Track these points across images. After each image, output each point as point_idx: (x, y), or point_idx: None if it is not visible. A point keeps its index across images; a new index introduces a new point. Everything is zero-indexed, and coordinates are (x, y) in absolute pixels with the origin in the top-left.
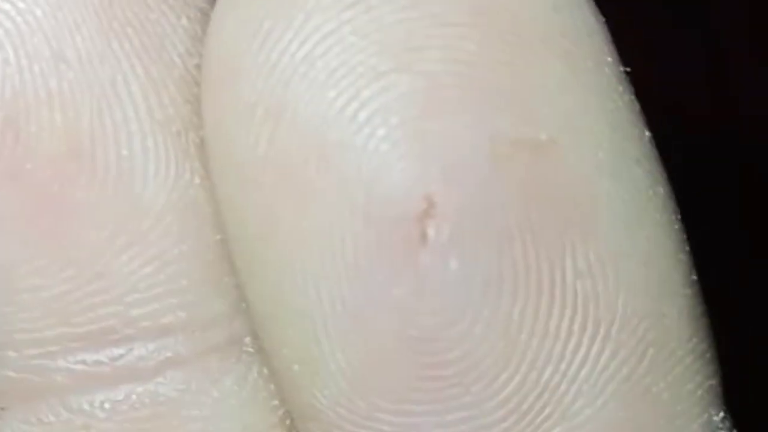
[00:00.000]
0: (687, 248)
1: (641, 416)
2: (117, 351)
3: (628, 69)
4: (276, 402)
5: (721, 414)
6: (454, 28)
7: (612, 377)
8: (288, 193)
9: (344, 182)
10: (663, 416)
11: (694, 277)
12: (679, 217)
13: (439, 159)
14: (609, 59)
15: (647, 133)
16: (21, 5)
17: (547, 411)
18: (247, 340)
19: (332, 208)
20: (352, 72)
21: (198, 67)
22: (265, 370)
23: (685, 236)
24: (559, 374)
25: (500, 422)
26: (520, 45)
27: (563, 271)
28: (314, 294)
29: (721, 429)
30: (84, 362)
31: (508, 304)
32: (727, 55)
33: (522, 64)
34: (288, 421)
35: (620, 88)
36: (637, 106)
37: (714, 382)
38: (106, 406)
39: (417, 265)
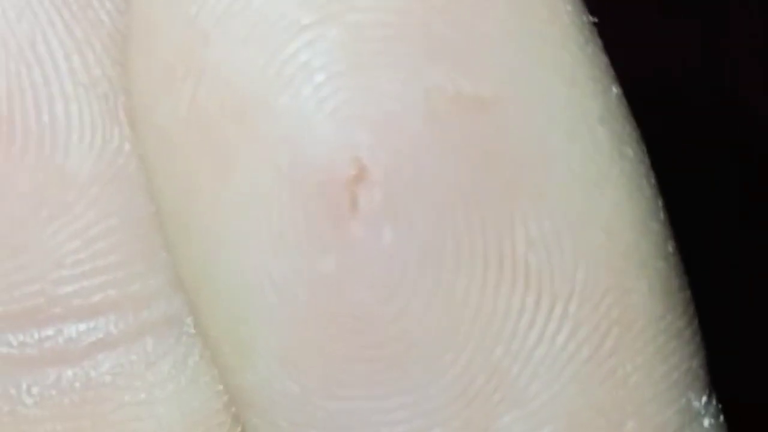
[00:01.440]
0: (662, 216)
1: (605, 402)
2: (44, 332)
3: (595, 19)
4: (220, 387)
5: (704, 398)
6: None
7: (571, 358)
8: (209, 158)
9: (268, 146)
10: (630, 402)
11: (671, 249)
12: (653, 181)
13: (369, 119)
14: (568, 8)
15: (615, 90)
16: None
17: (498, 395)
18: (189, 320)
19: (255, 175)
20: (274, 26)
21: None
22: (208, 353)
23: (660, 204)
24: (510, 355)
25: (445, 407)
26: None
27: (513, 242)
28: (238, 268)
29: (704, 415)
30: (9, 344)
31: (450, 278)
32: (726, 46)
33: (462, 12)
34: (234, 409)
35: (581, 39)
36: (603, 59)
37: (694, 363)
38: (34, 390)
39: (347, 236)
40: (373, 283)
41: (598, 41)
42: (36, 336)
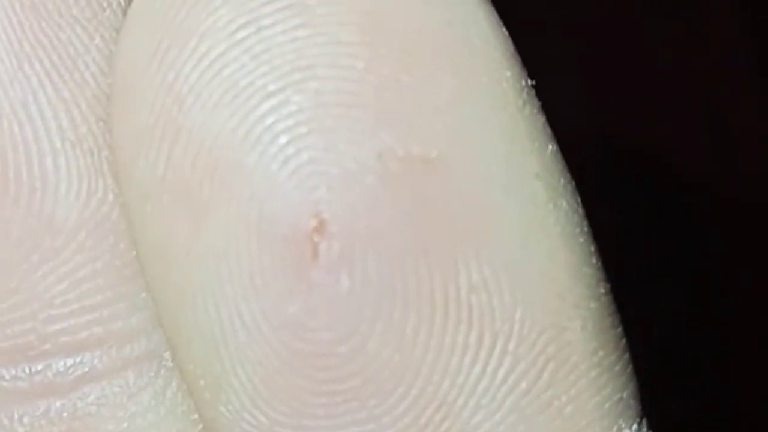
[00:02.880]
0: (594, 261)
1: (542, 430)
2: (35, 366)
3: (533, 82)
4: (196, 416)
5: (635, 426)
6: (343, 47)
7: (511, 391)
8: (184, 213)
9: (237, 202)
10: (566, 430)
11: (603, 290)
12: (586, 230)
13: (328, 176)
14: (508, 73)
15: (551, 147)
16: None
17: (446, 425)
18: (167, 354)
19: (227, 228)
20: (243, 93)
21: None
22: (185, 385)
23: (592, 249)
24: (456, 388)
25: None
26: (409, 62)
27: (457, 286)
28: (213, 312)
29: None
30: (2, 377)
31: (401, 319)
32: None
33: (411, 80)
34: None
35: (519, 102)
36: (541, 119)
37: (625, 394)
38: (25, 420)
39: (309, 283)
40: (332, 324)
41: (536, 102)
42: (27, 370)
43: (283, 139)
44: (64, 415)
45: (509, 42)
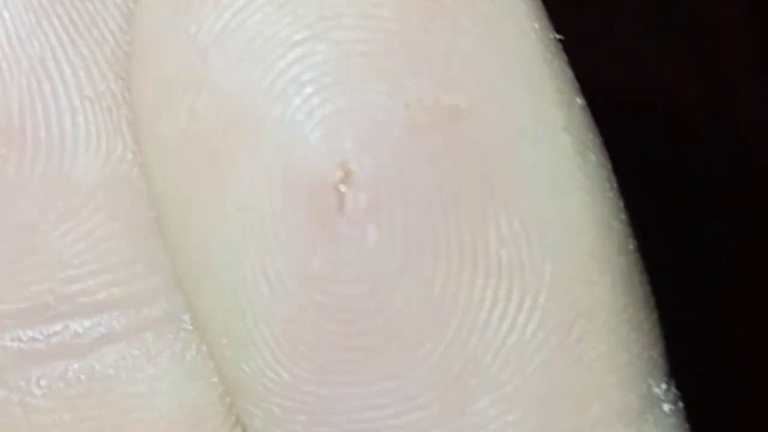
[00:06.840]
0: (623, 217)
1: (572, 386)
2: (52, 328)
3: (561, 36)
4: (215, 379)
5: (663, 385)
6: None
7: (540, 346)
8: (208, 165)
9: (262, 153)
10: (596, 386)
11: (631, 246)
12: (615, 185)
13: (354, 127)
14: (535, 26)
15: (579, 100)
16: None
17: (473, 381)
18: (186, 317)
19: (251, 180)
20: (268, 43)
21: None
22: (204, 348)
23: (621, 205)
24: (484, 343)
25: (425, 392)
26: (437, 12)
27: (486, 240)
28: (236, 266)
29: (663, 401)
30: (19, 339)
31: (429, 272)
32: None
33: (439, 30)
34: (228, 399)
35: (548, 55)
36: (568, 73)
37: (654, 352)
38: (42, 383)
39: (334, 235)
40: (358, 278)
41: (564, 56)
42: (45, 331)
43: (308, 90)
44: (82, 377)
45: None
